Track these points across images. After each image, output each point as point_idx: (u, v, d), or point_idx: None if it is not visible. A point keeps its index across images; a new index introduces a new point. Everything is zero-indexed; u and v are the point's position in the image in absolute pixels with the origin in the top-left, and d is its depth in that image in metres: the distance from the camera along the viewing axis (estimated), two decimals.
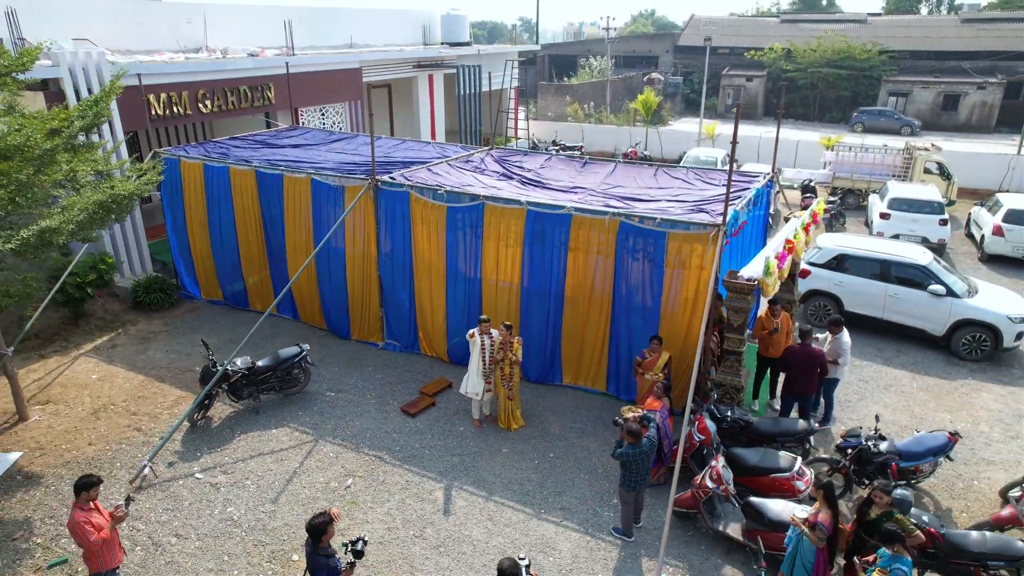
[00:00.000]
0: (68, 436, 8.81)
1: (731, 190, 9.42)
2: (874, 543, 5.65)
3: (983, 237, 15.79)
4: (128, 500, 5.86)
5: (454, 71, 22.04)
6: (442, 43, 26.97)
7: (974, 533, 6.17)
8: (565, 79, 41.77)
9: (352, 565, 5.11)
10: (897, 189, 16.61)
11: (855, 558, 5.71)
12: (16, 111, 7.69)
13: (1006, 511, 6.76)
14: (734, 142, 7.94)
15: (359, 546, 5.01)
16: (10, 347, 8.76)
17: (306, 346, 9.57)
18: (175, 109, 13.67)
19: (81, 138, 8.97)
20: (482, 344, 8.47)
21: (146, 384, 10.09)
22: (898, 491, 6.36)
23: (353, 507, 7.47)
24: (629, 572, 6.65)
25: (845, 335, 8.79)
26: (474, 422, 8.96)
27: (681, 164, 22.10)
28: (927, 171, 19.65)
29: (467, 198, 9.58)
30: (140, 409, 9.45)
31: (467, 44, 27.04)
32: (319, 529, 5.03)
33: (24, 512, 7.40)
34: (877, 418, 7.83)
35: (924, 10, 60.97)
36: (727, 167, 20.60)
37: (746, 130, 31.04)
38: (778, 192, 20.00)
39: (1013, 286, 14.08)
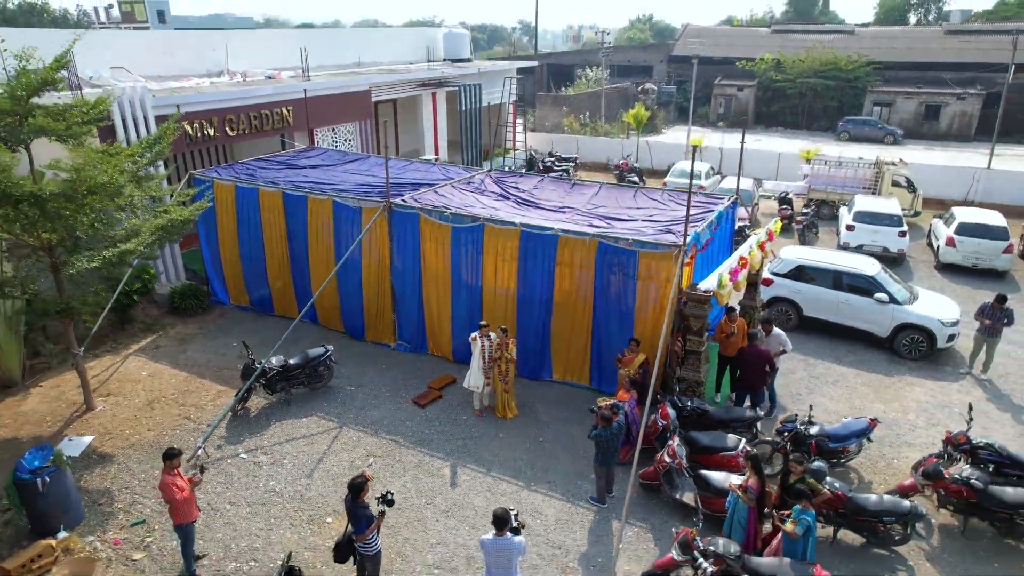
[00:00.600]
0: (129, 423, 10.33)
1: (697, 212, 11.03)
2: (792, 502, 7.17)
3: (938, 247, 17.33)
4: (202, 469, 7.39)
5: (456, 88, 23.56)
6: (444, 59, 28.57)
7: (873, 496, 7.71)
8: (562, 89, 43.29)
9: (383, 514, 6.65)
10: (862, 203, 18.16)
11: (775, 512, 7.23)
12: (93, 149, 9.20)
13: (908, 481, 8.29)
14: (691, 179, 9.45)
15: (389, 497, 6.54)
16: (81, 347, 10.28)
17: (330, 347, 11.10)
18: (206, 133, 15.20)
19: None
20: (482, 345, 10.00)
21: (189, 380, 11.62)
22: (816, 463, 7.90)
23: (375, 481, 8.98)
24: (602, 532, 8.17)
25: (776, 330, 10.35)
26: (475, 412, 10.48)
27: (668, 176, 23.65)
28: (895, 184, 21.20)
29: (469, 219, 11.10)
30: (187, 401, 10.97)
31: (468, 60, 28.63)
32: (358, 487, 6.56)
33: (104, 484, 8.93)
34: (811, 407, 9.37)
35: (913, 18, 62.61)
36: (711, 178, 22.07)
37: (733, 141, 32.46)
38: (756, 204, 21.63)
39: (962, 292, 15.64)
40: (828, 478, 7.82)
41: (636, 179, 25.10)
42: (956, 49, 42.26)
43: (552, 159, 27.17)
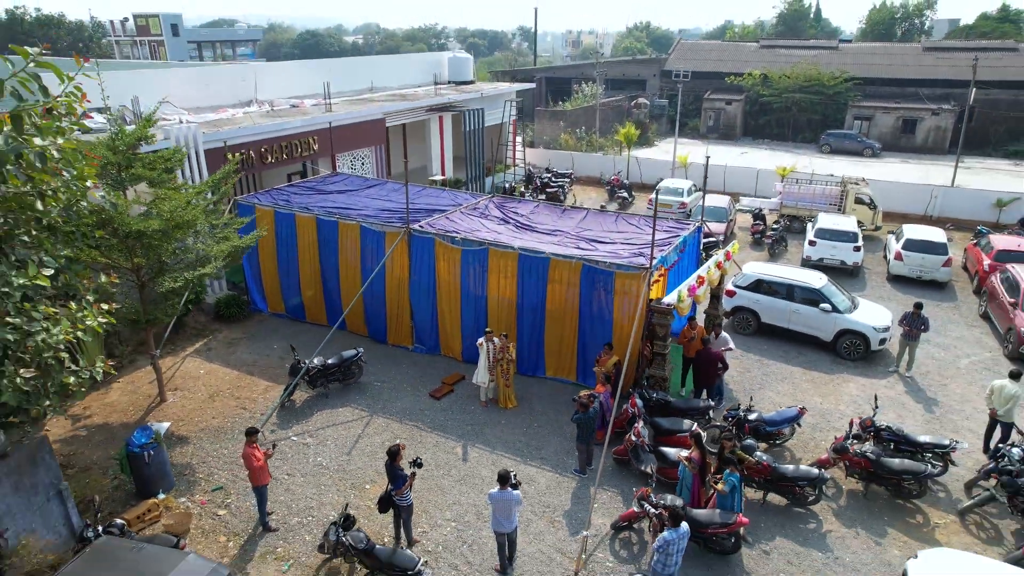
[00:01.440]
0: (196, 412, 12.56)
1: (666, 237, 13.27)
2: (725, 468, 9.38)
3: (890, 260, 19.57)
4: (274, 445, 9.61)
5: (461, 111, 25.77)
6: (449, 81, 30.80)
7: (791, 466, 9.93)
8: (560, 103, 45.53)
9: (413, 475, 8.86)
10: (823, 221, 20.40)
11: (711, 477, 9.45)
12: (177, 190, 11.41)
13: (824, 456, 10.51)
14: (655, 215, 11.67)
15: (419, 461, 8.77)
16: (157, 349, 12.50)
17: (361, 349, 13.33)
18: (246, 162, 17.42)
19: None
20: (487, 348, 12.23)
21: (240, 377, 13.84)
22: (747, 440, 10.13)
23: (405, 451, 11.19)
24: (582, 495, 10.39)
25: (724, 334, 12.62)
26: (481, 403, 12.70)
27: (655, 191, 25.76)
28: (858, 201, 23.43)
29: (476, 243, 13.33)
30: (241, 395, 13.20)
31: (471, 83, 30.86)
32: (394, 452, 8.79)
33: (184, 459, 11.15)
34: (751, 399, 11.61)
35: (899, 31, 64.86)
36: (693, 195, 24.09)
37: (717, 156, 34.58)
38: (732, 220, 23.85)
39: (906, 301, 17.85)
40: (758, 452, 10.04)
41: (626, 195, 27.36)
42: (932, 66, 44.54)
43: (549, 175, 29.39)
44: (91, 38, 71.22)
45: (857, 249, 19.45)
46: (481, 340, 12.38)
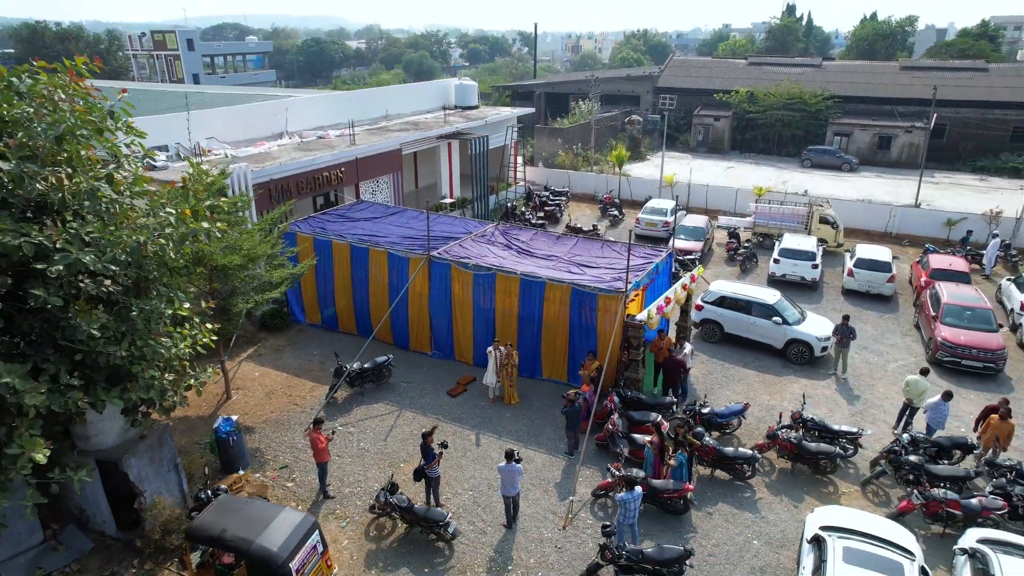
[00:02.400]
0: (257, 408, 15.42)
1: (641, 263, 16.11)
2: (678, 449, 12.24)
3: (844, 276, 22.44)
4: (333, 432, 12.47)
5: (468, 139, 28.59)
6: (456, 106, 33.67)
7: (731, 448, 12.79)
8: (558, 119, 48.33)
9: (441, 454, 11.73)
10: (786, 241, 23.25)
11: (667, 455, 12.31)
12: (248, 229, 14.23)
13: (761, 441, 13.38)
14: (629, 249, 14.53)
15: (445, 443, 11.64)
16: (225, 355, 15.36)
17: (390, 355, 16.19)
18: (284, 195, 20.25)
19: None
20: (495, 355, 15.09)
21: (290, 379, 16.70)
22: (698, 429, 12.99)
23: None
24: (570, 471, 13.23)
25: (688, 345, 15.50)
26: (490, 400, 15.55)
27: (641, 212, 28.53)
28: (823, 221, 26.26)
29: (485, 268, 16.18)
30: (293, 393, 16.06)
31: (475, 107, 33.72)
32: (427, 434, 11.66)
33: (253, 445, 14.01)
34: (704, 396, 14.48)
35: (882, 47, 67.68)
36: (676, 214, 26.63)
37: (705, 170, 37.45)
38: (709, 238, 26.63)
39: (855, 311, 20.71)
40: (706, 438, 12.90)
41: (616, 213, 30.21)
42: (907, 84, 47.32)
43: (547, 193, 32.25)
44: (108, 50, 73.94)
45: (815, 267, 22.29)
46: (490, 348, 15.25)
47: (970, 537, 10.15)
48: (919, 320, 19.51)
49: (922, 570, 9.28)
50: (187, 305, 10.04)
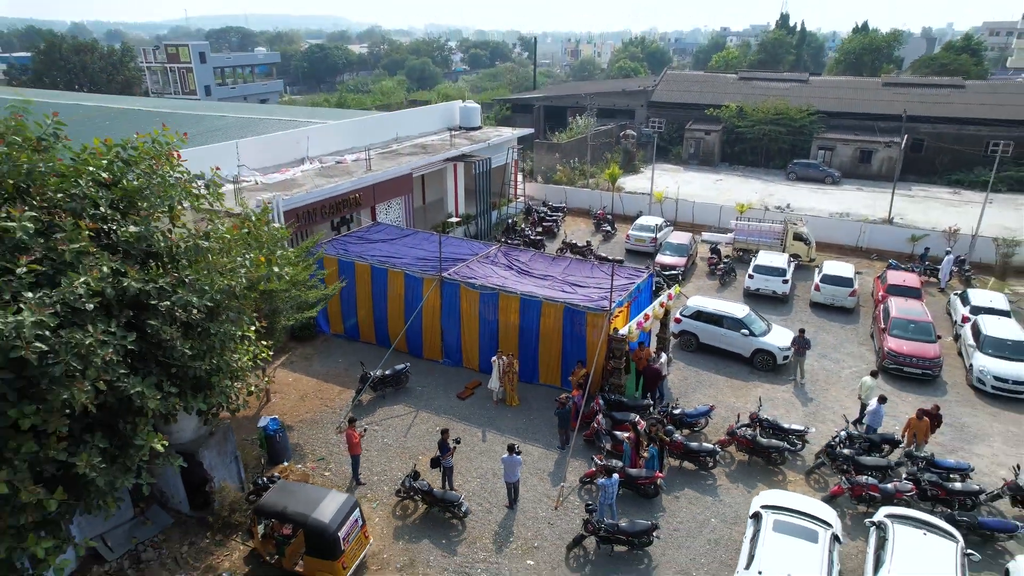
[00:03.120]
0: (293, 409, 17.92)
1: (625, 283, 18.59)
2: (651, 444, 14.72)
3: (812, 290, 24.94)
4: (364, 429, 14.98)
5: (473, 160, 31.05)
6: (460, 127, 36.15)
7: (695, 443, 15.29)
8: (556, 133, 50.80)
9: (454, 448, 14.24)
10: (760, 258, 25.73)
11: (641, 450, 14.80)
12: (290, 261, 16.69)
13: (723, 438, 15.88)
14: (612, 271, 17.04)
15: (459, 439, 14.15)
16: (268, 363, 17.86)
17: (408, 364, 18.70)
18: (310, 219, 22.73)
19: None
20: (499, 364, 17.59)
21: (320, 384, 19.20)
22: (668, 427, 15.49)
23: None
24: (561, 462, 15.71)
25: (664, 356, 17.99)
26: (494, 402, 18.05)
27: (631, 228, 30.94)
28: (796, 237, 28.75)
29: (489, 289, 18.67)
30: (323, 396, 18.56)
31: (478, 128, 36.20)
32: (444, 432, 14.18)
33: (294, 440, 16.52)
34: (677, 399, 16.97)
35: (869, 60, 70.09)
36: (663, 230, 28.92)
37: (695, 183, 39.85)
38: (693, 253, 29.01)
39: (817, 322, 23.21)
40: (676, 435, 15.40)
41: (609, 228, 32.70)
42: (888, 101, 49.78)
43: (545, 209, 34.74)
44: (120, 61, 76.36)
45: (785, 282, 24.79)
46: (494, 358, 17.76)
47: (881, 513, 12.62)
48: (874, 331, 22.00)
49: (834, 536, 11.77)
50: (253, 328, 12.54)
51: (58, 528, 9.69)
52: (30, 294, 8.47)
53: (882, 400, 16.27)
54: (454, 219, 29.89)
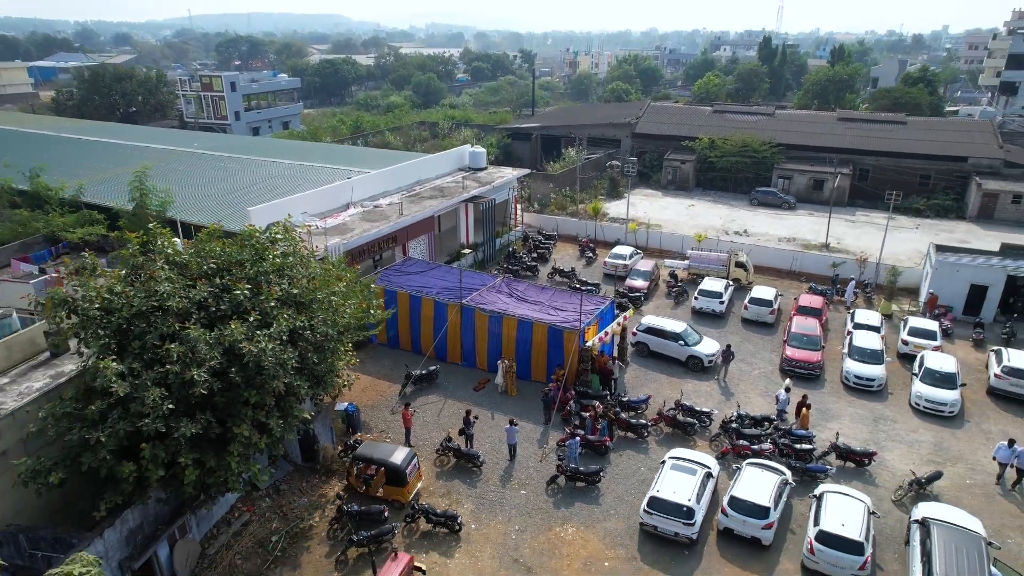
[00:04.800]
0: (358, 397, 25.41)
1: (592, 308, 26.16)
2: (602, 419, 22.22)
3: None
4: (414, 411, 22.52)
5: (481, 202, 38.47)
6: (469, 168, 43.62)
7: (635, 420, 22.79)
8: (551, 163, 58.23)
9: (473, 423, 21.76)
10: (703, 284, 33.21)
11: (596, 424, 22.27)
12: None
13: (654, 416, 23.39)
14: (581, 301, 24.59)
15: (476, 416, 21.68)
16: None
17: (437, 366, 26.24)
18: (359, 256, 30.16)
19: None
20: (502, 366, 25.14)
21: (374, 380, 26.72)
22: (617, 409, 23.01)
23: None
24: (545, 432, 23.23)
25: (618, 362, 25.53)
26: (499, 392, 25.58)
27: (608, 256, 38.36)
28: (738, 265, 36.19)
29: (496, 313, 26.17)
30: (377, 389, 26.09)
31: (484, 168, 43.68)
32: (467, 412, 21.72)
33: (363, 418, 24.04)
34: (626, 391, 24.48)
35: (833, 92, 77.41)
36: (633, 258, 36.59)
37: (670, 210, 47.19)
38: (656, 278, 36.42)
39: (747, 335, 30.67)
40: (623, 414, 22.92)
41: (591, 254, 40.19)
42: (840, 134, 57.18)
43: (540, 236, 42.22)
44: (155, 88, 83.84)
45: (722, 303, 32.26)
46: (499, 361, 25.28)
47: (744, 463, 20.07)
48: (783, 343, 29.52)
49: (708, 474, 19.24)
50: (351, 345, 20.06)
51: (260, 458, 17.24)
52: (259, 331, 15.97)
53: (787, 390, 23.81)
54: (467, 250, 37.38)
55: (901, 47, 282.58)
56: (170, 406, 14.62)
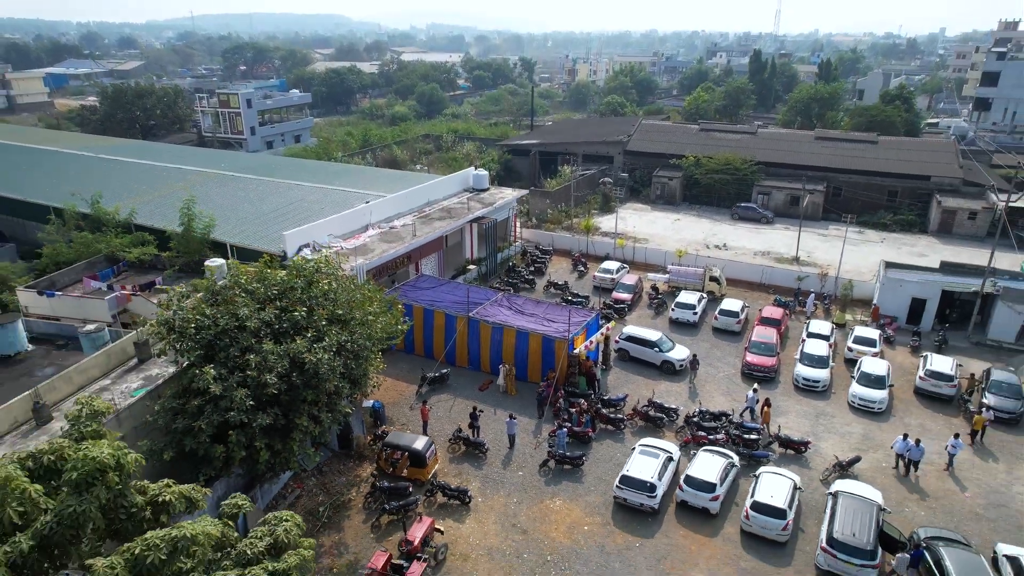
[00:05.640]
0: (382, 395, 30.01)
1: (580, 320, 30.90)
2: (587, 414, 26.87)
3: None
4: (430, 407, 27.17)
5: (484, 220, 43.05)
6: (473, 188, 48.27)
7: (614, 415, 27.44)
8: (548, 180, 62.81)
9: (479, 417, 26.41)
10: (680, 297, 37.85)
11: (581, 417, 26.90)
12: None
13: (630, 411, 28.04)
14: (570, 315, 29.28)
15: (482, 410, 26.33)
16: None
17: (448, 369, 30.91)
18: (380, 274, 34.77)
19: None
20: (503, 369, 29.79)
21: (394, 381, 31.38)
22: (598, 405, 27.65)
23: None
24: (538, 425, 27.88)
25: (599, 366, 30.21)
26: (500, 392, 30.22)
27: (596, 271, 42.98)
28: (712, 279, 40.80)
29: (498, 325, 30.81)
30: (397, 389, 30.76)
31: (486, 190, 48.33)
32: (474, 408, 26.39)
33: (387, 414, 28.70)
34: (607, 390, 29.12)
35: (816, 108, 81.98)
36: (620, 272, 41.45)
37: (657, 225, 51.78)
38: (639, 290, 41.09)
39: (715, 342, 35.30)
40: (603, 410, 27.56)
41: (583, 268, 44.83)
42: (816, 153, 61.75)
43: (537, 251, 46.84)
44: (173, 102, 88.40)
45: (695, 314, 36.90)
46: (500, 365, 29.95)
47: (700, 449, 24.68)
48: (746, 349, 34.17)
49: (669, 458, 23.87)
50: (380, 353, 24.72)
51: (316, 442, 21.94)
52: (315, 344, 20.61)
53: (755, 391, 28.45)
54: (471, 266, 42.04)
55: (895, 52, 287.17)
56: (250, 402, 19.27)
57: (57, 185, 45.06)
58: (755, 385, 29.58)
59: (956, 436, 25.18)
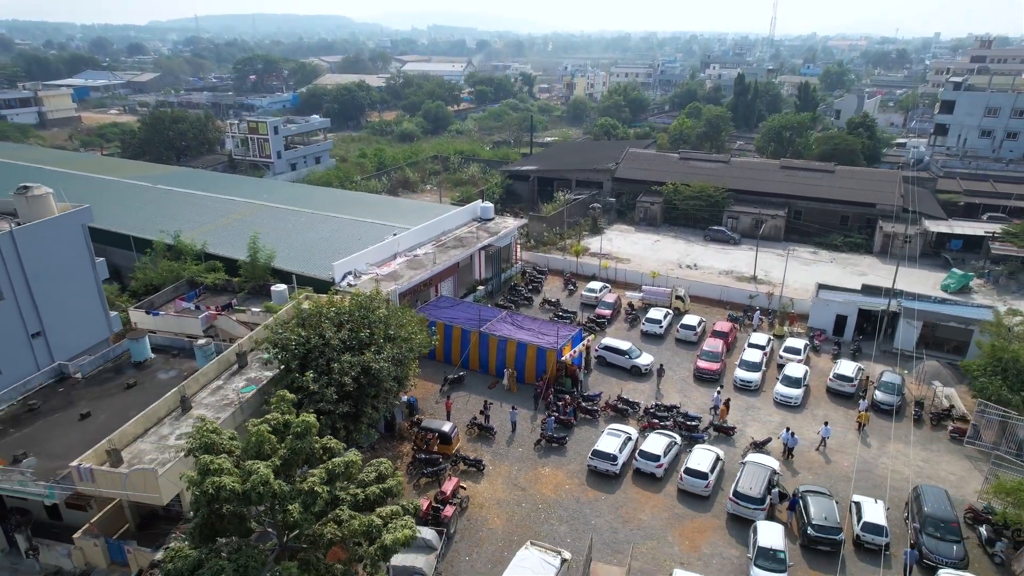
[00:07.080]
0: (417, 392, 38.89)
1: (567, 334, 39.92)
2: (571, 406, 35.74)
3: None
4: (452, 400, 36.05)
5: (491, 248, 51.79)
6: (480, 218, 57.15)
7: (592, 407, 36.28)
8: (544, 204, 71.56)
9: (490, 408, 35.24)
10: (649, 313, 46.68)
11: (566, 409, 35.74)
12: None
13: (602, 404, 36.89)
14: (558, 329, 38.21)
15: (491, 404, 35.17)
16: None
17: (464, 372, 39.78)
18: (407, 296, 43.55)
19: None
20: (507, 372, 38.66)
21: (422, 381, 40.19)
22: (580, 399, 36.52)
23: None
24: (534, 415, 36.72)
25: (584, 370, 39.09)
26: (505, 390, 39.07)
27: (583, 290, 51.80)
28: (678, 297, 49.60)
29: (504, 338, 39.65)
30: (423, 387, 39.62)
31: (492, 219, 57.22)
32: (485, 402, 35.24)
33: (420, 406, 37.58)
34: (588, 388, 37.97)
35: (787, 135, 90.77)
36: (603, 290, 50.64)
37: (639, 246, 60.55)
38: (618, 307, 50.17)
39: (677, 351, 44.15)
40: (584, 404, 36.41)
41: (572, 287, 53.71)
42: (781, 181, 70.49)
43: (535, 272, 55.70)
44: (204, 127, 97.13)
45: (661, 327, 45.72)
46: (505, 369, 38.84)
47: (652, 432, 33.47)
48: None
49: (628, 438, 32.69)
50: (417, 362, 33.58)
51: (374, 425, 30.86)
52: (378, 356, 29.47)
53: (718, 392, 37.26)
54: (480, 287, 50.91)
55: (886, 61, 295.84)
56: (335, 397, 28.09)
57: (134, 215, 53.89)
58: (719, 388, 38.28)
59: (826, 424, 34.05)
